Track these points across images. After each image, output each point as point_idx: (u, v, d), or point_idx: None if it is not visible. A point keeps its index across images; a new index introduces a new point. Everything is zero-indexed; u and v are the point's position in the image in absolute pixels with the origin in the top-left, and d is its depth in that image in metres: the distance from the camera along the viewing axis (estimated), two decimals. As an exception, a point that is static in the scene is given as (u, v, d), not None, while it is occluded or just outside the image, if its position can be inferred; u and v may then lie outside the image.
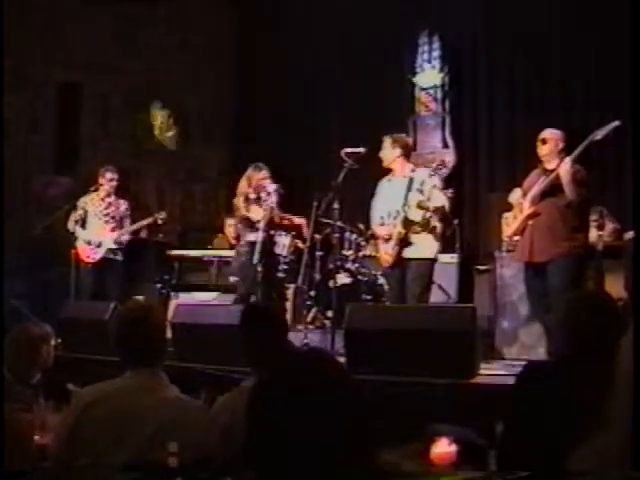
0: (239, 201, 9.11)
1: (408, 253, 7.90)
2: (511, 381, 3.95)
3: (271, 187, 8.98)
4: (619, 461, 1.86)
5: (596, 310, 3.58)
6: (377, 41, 12.04)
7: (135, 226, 10.10)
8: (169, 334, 6.58)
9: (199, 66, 13.35)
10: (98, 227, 9.95)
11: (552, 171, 7.43)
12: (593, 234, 8.21)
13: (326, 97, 12.45)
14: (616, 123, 7.24)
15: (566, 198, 7.31)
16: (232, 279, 9.35)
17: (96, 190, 10.09)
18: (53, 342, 5.45)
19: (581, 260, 7.44)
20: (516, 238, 7.88)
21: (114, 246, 9.91)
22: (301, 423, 1.87)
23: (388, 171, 8.19)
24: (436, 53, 11.77)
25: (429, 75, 11.80)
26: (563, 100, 10.66)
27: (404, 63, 11.99)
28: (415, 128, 11.85)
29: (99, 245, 9.87)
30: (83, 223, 9.98)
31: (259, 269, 8.88)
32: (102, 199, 10.07)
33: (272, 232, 9.28)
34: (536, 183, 7.56)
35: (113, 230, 9.97)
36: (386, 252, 8.00)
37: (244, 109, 13.46)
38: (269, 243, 9.21)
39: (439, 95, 11.74)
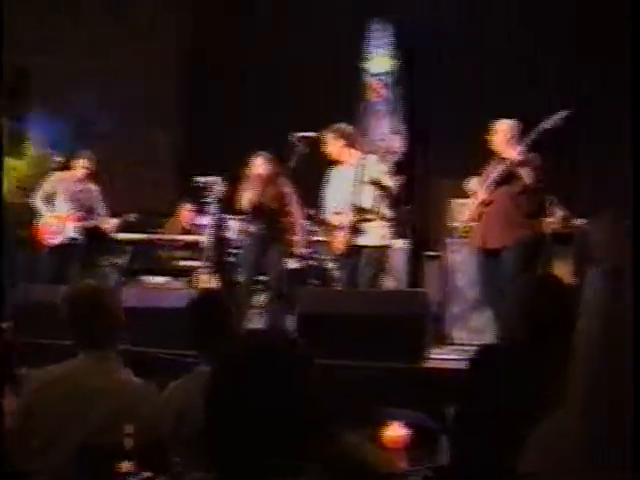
0: None
1: (361, 241, 7.93)
2: (462, 365, 3.97)
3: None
4: (578, 441, 1.88)
5: (548, 291, 3.61)
6: (328, 28, 12.01)
7: (97, 223, 9.83)
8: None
9: (148, 48, 13.22)
10: (64, 211, 9.69)
11: (506, 159, 7.48)
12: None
13: (278, 83, 12.42)
14: (565, 112, 7.30)
15: (520, 185, 7.37)
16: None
17: (68, 169, 9.89)
18: (4, 326, 5.40)
19: (534, 247, 7.50)
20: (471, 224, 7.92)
21: (75, 235, 9.67)
22: (261, 401, 1.88)
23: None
24: (387, 40, 11.77)
25: (380, 62, 11.80)
26: (514, 85, 10.71)
27: (355, 50, 11.97)
28: (366, 114, 11.84)
29: (62, 230, 9.64)
30: (49, 202, 9.74)
31: (210, 253, 8.87)
32: (74, 183, 9.82)
33: (223, 216, 9.26)
34: (492, 171, 7.61)
35: (79, 219, 9.72)
36: (338, 240, 8.03)
37: (196, 93, 13.38)
38: (221, 227, 9.18)
39: (390, 81, 11.75)
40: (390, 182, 8.02)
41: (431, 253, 9.95)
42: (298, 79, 12.22)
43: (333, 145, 8.14)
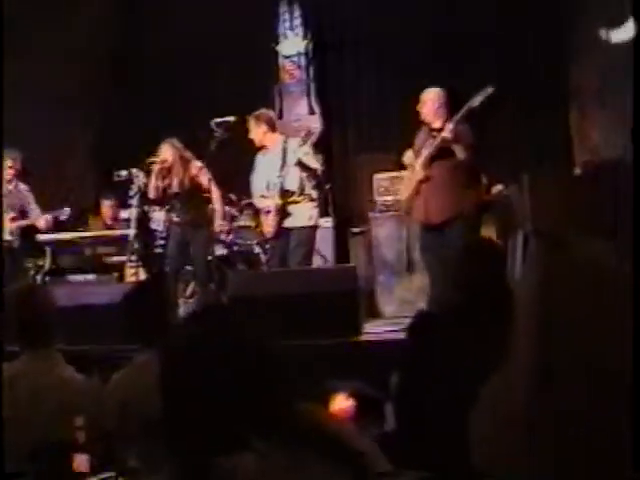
0: None
1: (288, 222, 8.06)
2: (396, 336, 4.04)
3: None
4: (526, 394, 1.92)
5: (481, 253, 3.69)
6: (239, 10, 11.96)
7: (32, 222, 9.63)
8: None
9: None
10: None
11: (437, 130, 7.54)
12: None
13: (193, 69, 12.33)
14: (490, 90, 7.38)
15: (455, 159, 7.45)
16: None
17: None
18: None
19: (474, 219, 7.58)
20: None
21: (9, 237, 9.45)
22: (211, 380, 1.92)
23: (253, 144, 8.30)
24: (297, 21, 11.79)
25: (292, 43, 11.81)
26: (433, 58, 10.74)
27: (267, 32, 11.95)
28: (281, 96, 11.86)
29: None
30: None
31: (135, 245, 8.85)
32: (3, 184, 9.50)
33: (146, 208, 9.22)
34: (424, 144, 7.66)
35: (12, 220, 9.50)
36: (267, 224, 8.16)
37: (114, 84, 13.23)
38: (144, 219, 9.14)
39: (303, 62, 11.77)
40: (314, 163, 8.18)
41: (355, 229, 10.02)
42: (213, 64, 12.16)
43: (256, 131, 8.26)
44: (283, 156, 8.09)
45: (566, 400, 1.81)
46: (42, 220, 9.61)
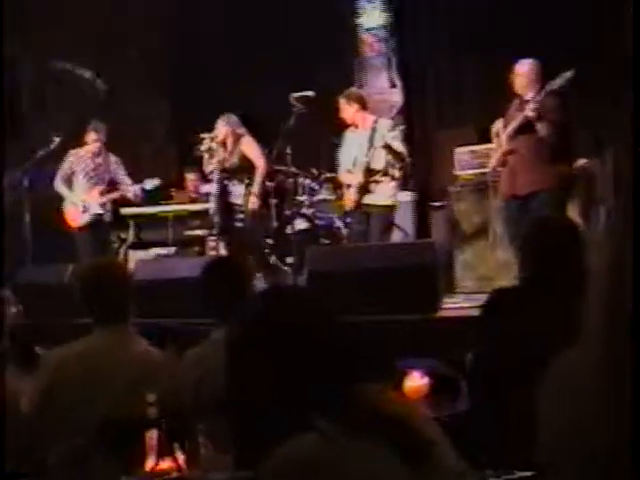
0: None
1: (369, 199, 8.14)
2: (475, 312, 3.99)
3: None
4: (593, 376, 1.88)
5: (557, 233, 3.62)
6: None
7: (118, 194, 9.70)
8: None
9: (141, 20, 13.14)
10: (85, 189, 9.56)
11: (528, 103, 7.45)
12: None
13: (272, 43, 12.34)
14: (569, 74, 7.26)
15: (537, 135, 7.36)
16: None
17: (83, 146, 9.67)
18: (14, 308, 5.40)
19: (559, 194, 7.46)
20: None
21: (100, 211, 9.53)
22: (279, 359, 1.90)
23: (338, 116, 8.32)
24: (378, -7, 11.72)
25: (372, 15, 11.75)
26: (511, 33, 10.59)
27: (347, 5, 11.90)
28: (361, 69, 11.82)
29: (85, 209, 9.50)
30: (70, 183, 9.61)
31: (215, 219, 8.93)
32: (91, 158, 9.64)
33: (226, 182, 9.25)
34: (514, 116, 7.58)
35: (101, 193, 9.56)
36: (348, 198, 8.27)
37: (187, 61, 13.31)
38: (224, 193, 9.19)
39: (383, 35, 11.70)
40: (402, 148, 8.21)
41: (436, 204, 9.94)
42: (294, 37, 12.14)
43: (347, 110, 8.30)
44: (371, 136, 8.13)
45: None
46: (132, 192, 9.71)
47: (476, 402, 3.59)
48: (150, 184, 9.73)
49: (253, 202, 9.03)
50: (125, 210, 10.42)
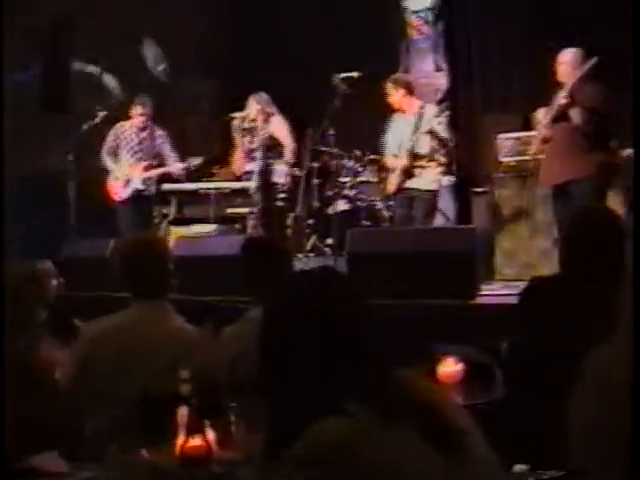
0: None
1: (413, 183, 8.24)
2: (513, 300, 3.97)
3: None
4: (623, 371, 1.88)
5: (598, 224, 3.58)
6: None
7: (163, 170, 9.73)
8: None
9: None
10: (129, 164, 9.60)
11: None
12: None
13: (317, 25, 12.31)
14: (594, 60, 7.26)
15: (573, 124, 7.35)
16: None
17: (128, 119, 9.72)
18: (55, 281, 5.43)
19: (596, 183, 7.41)
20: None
21: (142, 186, 9.57)
22: (312, 341, 1.90)
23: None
24: (426, -25, 11.64)
25: (419, -2, 11.68)
26: (560, 18, 10.51)
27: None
28: (408, 52, 11.77)
29: (128, 183, 9.55)
30: (115, 156, 9.64)
31: (257, 198, 8.96)
32: (136, 133, 9.66)
33: (269, 160, 9.28)
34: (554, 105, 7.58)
35: (145, 169, 9.60)
36: (390, 182, 8.39)
37: (234, 39, 13.32)
38: (266, 172, 9.22)
39: (430, 18, 11.62)
40: (446, 134, 8.32)
41: (478, 189, 9.90)
42: (340, 19, 12.11)
43: (394, 95, 8.39)
44: (418, 121, 8.23)
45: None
46: (177, 168, 9.73)
47: (510, 391, 3.58)
48: (194, 162, 9.76)
49: (282, 183, 9.18)
50: (167, 186, 10.43)
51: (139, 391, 3.27)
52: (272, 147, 9.05)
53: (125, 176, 9.48)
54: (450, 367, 4.06)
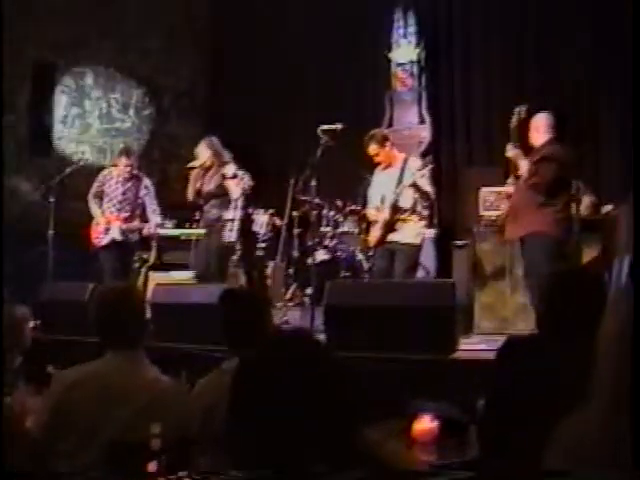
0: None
1: (395, 237, 8.19)
2: (491, 355, 3.95)
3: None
4: (599, 435, 1.87)
5: (575, 287, 3.58)
6: (352, 18, 12.00)
7: (140, 226, 9.56)
8: (148, 314, 6.60)
9: (174, 44, 13.26)
10: (110, 212, 9.52)
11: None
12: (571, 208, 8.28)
13: (303, 75, 12.41)
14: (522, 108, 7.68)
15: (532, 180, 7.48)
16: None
17: (116, 166, 9.67)
18: (32, 324, 5.41)
19: (548, 238, 7.48)
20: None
21: (120, 237, 9.46)
22: (283, 402, 1.88)
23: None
24: (411, 28, 11.74)
25: (405, 50, 11.77)
26: (540, 74, 10.64)
27: (380, 39, 11.95)
28: (392, 104, 11.85)
29: (107, 231, 9.48)
30: (100, 200, 9.59)
31: (238, 247, 8.92)
32: (121, 183, 9.59)
33: (250, 210, 9.27)
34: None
35: (125, 220, 9.50)
36: (372, 234, 8.34)
37: (219, 87, 13.40)
38: (247, 221, 9.20)
39: (415, 70, 11.72)
40: (429, 187, 8.24)
41: (459, 242, 9.92)
42: (323, 71, 12.21)
43: (378, 150, 8.34)
44: (401, 174, 8.21)
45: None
46: (154, 224, 9.62)
47: (485, 450, 3.55)
48: (169, 225, 9.74)
49: (230, 235, 8.97)
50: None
51: (109, 443, 3.24)
52: (220, 196, 8.90)
53: (106, 224, 9.43)
54: (425, 424, 4.04)
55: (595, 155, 10.17)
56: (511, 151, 7.57)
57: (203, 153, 8.99)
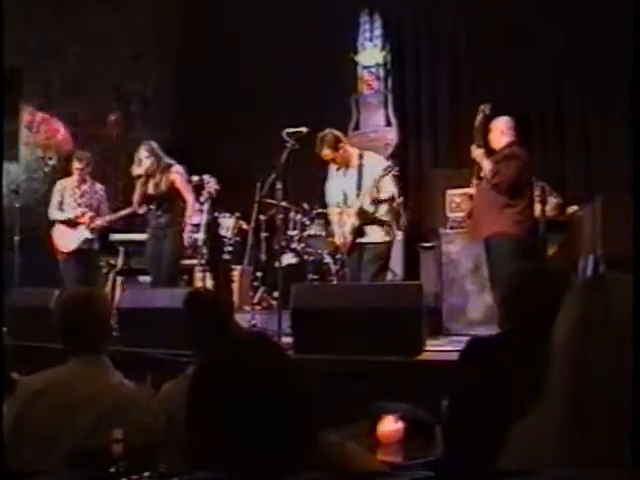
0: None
1: (363, 239, 8.09)
2: (457, 357, 3.97)
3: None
4: (556, 436, 1.88)
5: (535, 285, 3.60)
6: (318, 21, 12.02)
7: (114, 217, 9.66)
8: (115, 319, 6.59)
9: (141, 49, 13.23)
10: (75, 215, 9.56)
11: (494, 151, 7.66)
12: (536, 209, 8.34)
13: (268, 78, 12.43)
14: (484, 107, 7.74)
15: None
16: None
17: (71, 175, 9.76)
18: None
19: (511, 238, 7.52)
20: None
21: (90, 236, 9.53)
22: (241, 406, 1.88)
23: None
24: (377, 32, 11.79)
25: (371, 53, 11.82)
26: (504, 76, 10.71)
27: (346, 42, 11.97)
28: (358, 107, 11.89)
29: (75, 234, 9.51)
30: (62, 210, 9.64)
31: (204, 251, 8.90)
32: (77, 186, 9.69)
33: (216, 214, 9.26)
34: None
35: (90, 219, 9.54)
36: (343, 238, 8.16)
37: (185, 90, 13.38)
38: (213, 225, 9.18)
39: (381, 73, 11.76)
40: (393, 189, 8.12)
41: (426, 244, 9.95)
42: (289, 74, 12.22)
43: (333, 155, 8.21)
44: (359, 174, 8.08)
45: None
46: (112, 217, 9.69)
47: (449, 450, 3.56)
48: (122, 213, 9.69)
49: (187, 237, 8.91)
50: (115, 236, 10.39)
51: (72, 449, 3.23)
52: (170, 200, 8.86)
53: (72, 227, 9.41)
54: (390, 426, 4.05)
55: (560, 156, 10.23)
56: (475, 151, 7.61)
57: (145, 159, 8.91)
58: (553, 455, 1.92)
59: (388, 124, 11.65)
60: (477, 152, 7.62)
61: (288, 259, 9.46)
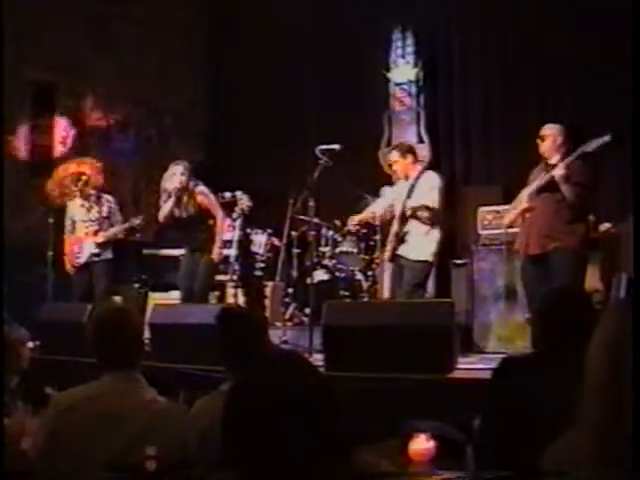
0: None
1: (404, 251, 8.21)
2: (489, 375, 3.96)
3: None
4: (589, 457, 1.88)
5: (570, 305, 3.59)
6: (351, 38, 12.03)
7: (110, 232, 9.71)
8: (147, 334, 6.62)
9: (173, 65, 13.29)
10: (81, 231, 9.72)
11: (553, 166, 7.50)
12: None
13: (301, 95, 12.45)
14: (607, 138, 7.29)
15: (561, 195, 7.39)
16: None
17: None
18: (31, 345, 5.40)
19: (577, 254, 7.45)
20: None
21: (96, 250, 9.63)
22: (276, 426, 1.89)
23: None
24: (410, 48, 11.80)
25: (403, 70, 11.82)
26: (539, 94, 10.66)
27: (378, 59, 11.99)
28: (390, 123, 11.88)
29: (81, 250, 9.64)
30: (73, 229, 9.79)
31: (236, 267, 8.93)
32: (81, 204, 9.80)
33: (249, 230, 9.28)
34: (537, 177, 7.66)
35: (95, 233, 9.66)
36: (385, 250, 8.39)
37: (218, 107, 13.44)
38: (245, 241, 9.21)
39: (413, 90, 11.76)
40: (437, 202, 8.28)
41: (457, 261, 9.93)
42: (322, 91, 12.24)
43: (397, 159, 8.40)
44: (412, 186, 8.27)
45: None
46: (122, 228, 9.81)
47: (481, 470, 3.55)
48: (135, 222, 9.74)
49: (217, 254, 8.94)
50: (147, 251, 10.46)
51: (105, 465, 3.24)
52: (201, 219, 8.92)
53: (78, 242, 9.54)
54: (422, 444, 4.04)
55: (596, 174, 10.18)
56: (558, 170, 7.41)
57: (180, 174, 8.97)
58: (585, 477, 1.91)
59: (420, 141, 11.63)
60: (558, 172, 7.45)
61: (320, 275, 9.47)
